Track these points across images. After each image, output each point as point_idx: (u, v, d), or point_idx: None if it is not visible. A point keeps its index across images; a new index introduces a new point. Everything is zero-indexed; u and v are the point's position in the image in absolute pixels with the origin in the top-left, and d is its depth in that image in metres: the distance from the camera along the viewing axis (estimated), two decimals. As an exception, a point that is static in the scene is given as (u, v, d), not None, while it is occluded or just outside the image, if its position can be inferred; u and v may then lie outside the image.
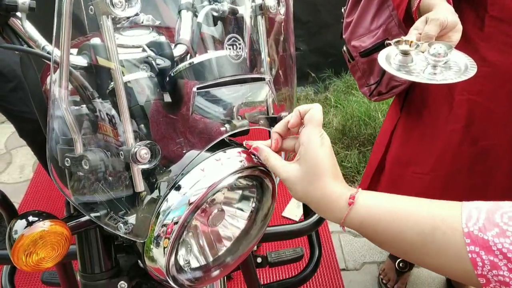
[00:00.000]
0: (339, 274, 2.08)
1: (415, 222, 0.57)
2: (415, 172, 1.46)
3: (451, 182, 1.41)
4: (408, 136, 1.45)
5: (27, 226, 0.62)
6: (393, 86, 1.38)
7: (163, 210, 0.67)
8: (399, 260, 2.01)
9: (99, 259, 0.74)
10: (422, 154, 1.42)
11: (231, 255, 0.79)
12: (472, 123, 1.27)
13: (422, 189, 1.46)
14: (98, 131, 0.69)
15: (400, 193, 1.67)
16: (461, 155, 1.33)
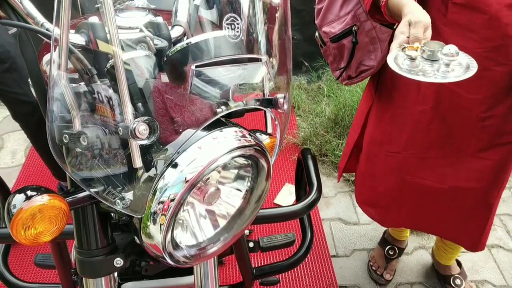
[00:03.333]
0: (329, 261, 2.10)
1: None
2: (388, 151, 1.52)
3: (424, 161, 1.46)
4: (381, 117, 1.51)
5: (25, 200, 0.62)
6: (362, 70, 1.43)
7: (160, 187, 0.68)
8: (387, 248, 2.05)
9: (96, 236, 0.75)
10: (394, 134, 1.48)
11: (225, 233, 0.80)
12: (439, 103, 1.33)
13: (397, 166, 1.52)
14: (96, 112, 0.69)
15: (377, 170, 1.71)
16: (431, 133, 1.40)
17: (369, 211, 1.75)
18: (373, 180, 1.64)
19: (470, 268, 2.10)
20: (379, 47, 1.40)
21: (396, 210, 1.65)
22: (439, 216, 1.61)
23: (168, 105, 0.71)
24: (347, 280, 2.04)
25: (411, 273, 2.07)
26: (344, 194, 2.48)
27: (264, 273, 1.34)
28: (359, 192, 1.77)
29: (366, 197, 1.73)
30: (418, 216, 1.64)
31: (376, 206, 1.70)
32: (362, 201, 1.77)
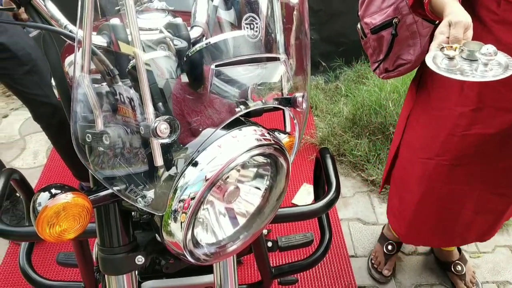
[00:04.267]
0: (348, 261, 2.10)
1: None
2: (421, 157, 1.49)
3: (455, 168, 1.43)
4: (418, 120, 1.48)
5: (50, 198, 0.64)
6: (399, 64, 1.41)
7: (180, 186, 0.69)
8: (386, 243, 2.05)
9: (117, 234, 0.77)
10: (429, 139, 1.44)
11: (245, 232, 0.81)
12: (481, 109, 1.29)
13: (427, 175, 1.49)
14: (118, 113, 0.71)
15: (408, 178, 1.69)
16: (468, 138, 1.35)
17: (395, 223, 1.75)
18: (403, 189, 1.63)
19: (492, 269, 2.07)
20: (418, 41, 1.39)
21: (417, 227, 1.65)
22: (458, 228, 1.60)
23: (188, 105, 0.72)
24: (366, 280, 2.03)
25: (410, 271, 2.07)
26: (362, 194, 2.47)
27: (283, 272, 1.34)
28: (390, 202, 1.76)
29: (395, 207, 1.72)
30: (438, 232, 1.64)
31: (400, 219, 1.70)
32: (390, 211, 1.77)
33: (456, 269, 1.98)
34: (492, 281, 2.02)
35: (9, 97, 3.36)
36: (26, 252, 1.25)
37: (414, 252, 2.15)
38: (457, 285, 1.96)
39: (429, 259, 2.11)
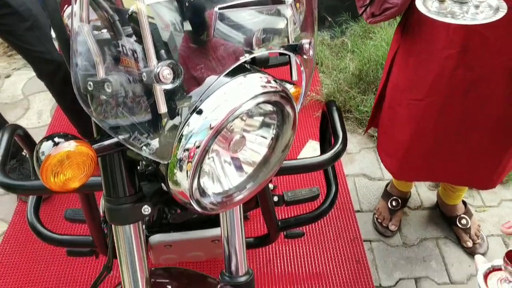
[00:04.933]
0: (354, 215, 2.11)
1: None
2: (411, 99, 1.51)
3: (445, 109, 1.45)
4: (406, 63, 1.49)
5: (53, 146, 0.63)
6: (385, 8, 1.39)
7: (185, 134, 0.67)
8: (391, 199, 2.06)
9: (123, 184, 0.76)
10: (418, 80, 1.46)
11: (251, 181, 0.80)
12: (467, 50, 1.30)
13: (418, 114, 1.51)
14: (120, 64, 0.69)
15: (398, 119, 1.71)
16: (455, 81, 1.37)
17: (387, 161, 1.76)
18: (393, 129, 1.64)
19: (497, 223, 2.08)
20: None
21: (410, 163, 1.66)
22: (452, 165, 1.61)
23: (191, 53, 0.70)
24: (371, 234, 2.05)
25: (415, 224, 2.09)
26: (368, 150, 2.46)
27: (289, 225, 1.35)
28: (380, 142, 1.78)
29: (385, 146, 1.73)
30: (431, 168, 1.65)
31: (393, 157, 1.71)
32: (381, 150, 1.78)
33: (461, 222, 1.99)
34: (497, 234, 2.03)
35: (11, 57, 3.32)
36: (34, 207, 1.26)
37: (420, 207, 2.16)
38: (462, 239, 1.98)
39: (435, 213, 2.12)
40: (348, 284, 1.85)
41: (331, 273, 1.89)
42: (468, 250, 1.96)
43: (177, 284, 0.98)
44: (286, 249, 1.97)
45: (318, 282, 1.85)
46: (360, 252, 1.96)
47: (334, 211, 2.12)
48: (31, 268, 1.94)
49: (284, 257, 1.95)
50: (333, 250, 1.97)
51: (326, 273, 1.88)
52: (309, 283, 1.85)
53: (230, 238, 1.00)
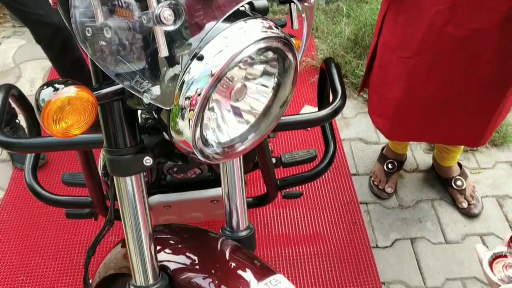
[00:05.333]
0: (350, 178, 2.12)
1: None
2: (400, 57, 1.51)
3: (435, 66, 1.45)
4: (395, 21, 1.48)
5: (53, 92, 0.62)
6: None
7: (186, 82, 0.66)
8: (387, 162, 2.07)
9: (124, 135, 0.75)
10: (407, 38, 1.46)
11: (253, 132, 0.79)
12: (456, 6, 1.30)
13: (407, 73, 1.51)
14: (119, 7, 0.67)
15: (388, 77, 1.72)
16: (445, 38, 1.37)
17: (378, 121, 1.76)
18: (383, 88, 1.64)
19: (491, 184, 2.10)
20: None
21: (401, 122, 1.67)
22: (443, 125, 1.62)
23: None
24: (368, 197, 2.07)
25: (411, 186, 2.11)
26: (364, 114, 2.46)
27: (288, 184, 1.35)
28: (370, 101, 1.78)
29: (376, 106, 1.74)
30: (423, 127, 1.66)
31: (383, 117, 1.72)
32: (372, 111, 1.78)
33: (457, 184, 2.01)
34: (491, 195, 2.05)
35: (0, 25, 3.26)
36: (32, 169, 1.25)
37: (415, 170, 2.17)
38: (457, 200, 2.00)
39: (430, 175, 2.14)
40: (345, 245, 1.87)
41: (329, 234, 1.91)
42: (463, 211, 1.98)
43: (178, 239, 0.99)
44: (283, 212, 1.99)
45: (315, 243, 1.87)
46: (356, 214, 1.98)
47: (330, 175, 2.13)
48: (30, 233, 1.95)
49: (282, 220, 1.96)
50: (330, 212, 1.99)
51: (324, 235, 1.91)
52: (307, 244, 1.87)
53: (231, 194, 1.00)
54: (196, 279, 0.88)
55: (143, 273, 0.85)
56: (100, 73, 0.71)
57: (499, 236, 1.90)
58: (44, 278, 1.80)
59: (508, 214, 1.98)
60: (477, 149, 2.23)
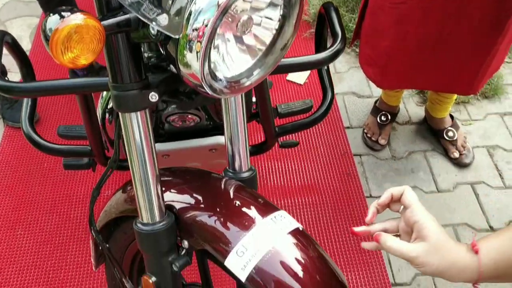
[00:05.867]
0: (344, 131, 2.14)
1: None
2: (392, 2, 1.51)
3: (427, 11, 1.46)
4: None
5: (60, 19, 0.61)
6: None
7: (193, 12, 0.66)
8: (380, 114, 2.09)
9: (128, 69, 0.75)
10: None
11: (258, 68, 0.80)
12: None
13: (400, 18, 1.52)
14: None
15: (380, 24, 1.72)
16: None
17: (369, 71, 1.77)
18: (375, 36, 1.65)
19: (482, 135, 2.14)
20: None
21: (393, 70, 1.68)
22: (434, 71, 1.64)
23: None
24: (361, 149, 2.10)
25: (404, 138, 2.15)
26: (357, 69, 2.46)
27: (286, 131, 1.36)
28: (362, 52, 1.78)
29: (368, 55, 1.74)
30: (414, 74, 1.67)
31: (375, 66, 1.72)
32: (364, 61, 1.78)
33: (448, 135, 2.03)
34: (482, 146, 2.09)
35: (-18, -18, 3.16)
36: (28, 118, 1.24)
37: (408, 122, 2.20)
38: (449, 151, 2.03)
39: (422, 127, 2.16)
40: (339, 195, 1.90)
41: (323, 185, 1.93)
42: (455, 161, 2.02)
43: (181, 181, 0.99)
44: (279, 165, 2.01)
45: (311, 194, 1.90)
46: (350, 166, 2.01)
47: (324, 128, 2.15)
48: (26, 189, 1.95)
49: (278, 172, 1.99)
50: (324, 164, 2.01)
51: (318, 186, 1.93)
52: (302, 194, 1.90)
53: (233, 136, 1.00)
54: (201, 217, 0.89)
55: (150, 211, 0.86)
56: (104, 3, 0.69)
57: (489, 185, 1.95)
58: (42, 233, 1.81)
59: (498, 164, 2.03)
60: (469, 101, 2.25)
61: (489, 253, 0.67)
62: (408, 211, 0.73)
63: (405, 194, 0.74)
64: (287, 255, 0.81)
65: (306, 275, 0.80)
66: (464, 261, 0.67)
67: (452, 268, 0.67)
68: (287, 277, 0.80)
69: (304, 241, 0.85)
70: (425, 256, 0.68)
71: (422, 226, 0.69)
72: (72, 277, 1.67)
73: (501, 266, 0.67)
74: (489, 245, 0.68)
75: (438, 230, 0.69)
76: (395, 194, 0.77)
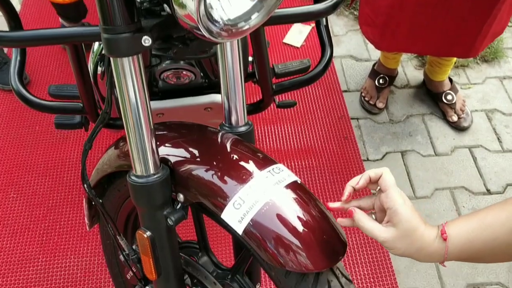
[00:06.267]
0: (341, 95, 2.11)
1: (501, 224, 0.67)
2: None
3: None
4: None
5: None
6: None
7: None
8: (378, 77, 2.06)
9: (120, 11, 0.71)
10: None
11: (256, 12, 0.76)
12: None
13: None
14: None
15: None
16: None
17: (368, 31, 1.74)
18: None
19: (481, 99, 2.11)
20: None
21: (392, 31, 1.64)
22: (433, 34, 1.60)
23: None
24: (359, 113, 2.07)
25: (402, 102, 2.12)
26: (355, 32, 2.41)
27: (283, 88, 1.33)
28: (361, 12, 1.75)
29: (367, 15, 1.70)
30: (413, 37, 1.64)
31: (374, 26, 1.69)
32: (363, 21, 1.75)
33: (447, 98, 2.01)
34: (481, 109, 2.07)
35: None
36: (17, 73, 1.19)
37: (406, 85, 2.16)
38: (447, 114, 2.01)
39: (421, 91, 2.13)
40: (336, 158, 1.88)
41: (321, 149, 1.91)
42: (453, 124, 2.00)
43: (177, 134, 0.96)
44: (276, 128, 1.98)
45: (308, 157, 1.88)
46: (347, 129, 1.98)
47: (321, 91, 2.11)
48: (17, 152, 1.91)
49: (274, 135, 1.96)
50: (321, 128, 1.99)
51: (316, 149, 1.91)
52: (299, 158, 1.88)
53: (230, 89, 0.97)
54: (197, 170, 0.87)
55: (144, 162, 0.83)
56: None
57: (487, 148, 1.93)
58: (34, 196, 1.78)
59: (496, 127, 2.01)
60: (468, 65, 2.22)
61: (456, 240, 0.69)
62: (383, 195, 0.73)
63: (383, 177, 0.74)
64: (286, 208, 0.79)
65: (306, 230, 0.78)
66: (432, 248, 0.70)
67: (419, 253, 0.71)
68: (286, 232, 0.77)
69: (303, 195, 0.82)
70: (393, 242, 0.71)
71: (394, 213, 0.71)
72: (66, 240, 1.65)
73: (464, 253, 0.70)
74: (458, 232, 0.70)
75: (409, 217, 0.70)
76: (373, 177, 0.76)
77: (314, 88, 2.11)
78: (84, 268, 1.58)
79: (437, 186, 1.81)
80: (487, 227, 0.68)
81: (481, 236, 0.68)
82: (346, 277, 0.82)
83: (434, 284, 1.56)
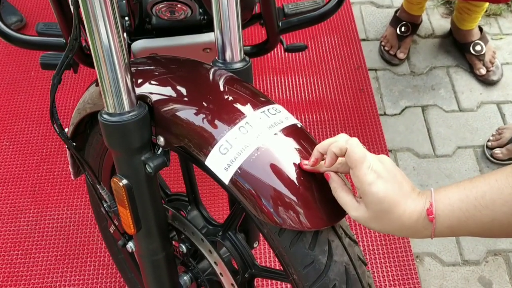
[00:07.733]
0: (359, 44, 1.95)
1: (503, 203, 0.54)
2: None
3: None
4: None
5: None
6: None
7: None
8: (400, 25, 1.88)
9: None
10: None
11: None
12: None
13: None
14: None
15: None
16: None
17: None
18: None
19: (513, 51, 1.93)
20: None
21: None
22: None
23: None
24: (377, 63, 1.91)
25: (425, 52, 1.93)
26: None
27: (291, 26, 1.19)
28: None
29: None
30: None
31: None
32: None
33: (476, 49, 1.83)
34: (511, 62, 1.89)
35: None
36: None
37: (431, 35, 1.99)
38: (475, 66, 1.84)
39: (447, 41, 1.96)
40: (351, 112, 1.74)
41: (334, 102, 1.77)
42: (481, 78, 1.83)
43: (164, 70, 0.83)
44: (287, 79, 1.83)
45: (320, 110, 1.74)
46: (364, 81, 1.83)
47: (337, 40, 1.95)
48: (11, 99, 1.82)
49: (284, 86, 1.82)
50: (335, 79, 1.84)
51: (329, 101, 1.77)
52: (311, 111, 1.74)
53: (223, 17, 0.82)
54: (183, 111, 0.74)
55: (116, 98, 0.70)
56: None
57: (518, 105, 1.77)
58: (27, 144, 1.69)
59: (528, 82, 1.83)
60: (501, 13, 2.03)
61: (446, 221, 0.58)
62: (351, 172, 0.61)
63: (348, 153, 0.60)
64: (281, 155, 0.66)
65: (303, 181, 0.65)
66: (415, 228, 0.61)
67: (400, 232, 0.62)
68: (279, 183, 0.65)
69: (303, 141, 0.69)
70: (365, 222, 0.62)
71: (363, 194, 0.60)
72: (59, 191, 1.57)
73: (456, 233, 0.60)
74: (447, 214, 0.58)
75: (381, 197, 0.59)
76: (338, 153, 0.62)
77: (328, 36, 1.94)
78: (76, 221, 1.49)
79: (459, 144, 1.67)
80: (483, 208, 0.55)
81: (476, 217, 0.56)
82: (350, 237, 0.70)
83: (452, 249, 1.44)
